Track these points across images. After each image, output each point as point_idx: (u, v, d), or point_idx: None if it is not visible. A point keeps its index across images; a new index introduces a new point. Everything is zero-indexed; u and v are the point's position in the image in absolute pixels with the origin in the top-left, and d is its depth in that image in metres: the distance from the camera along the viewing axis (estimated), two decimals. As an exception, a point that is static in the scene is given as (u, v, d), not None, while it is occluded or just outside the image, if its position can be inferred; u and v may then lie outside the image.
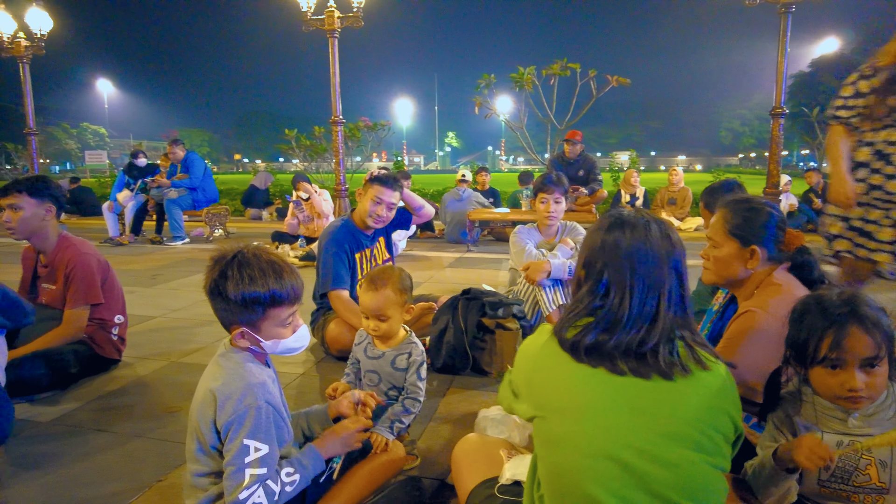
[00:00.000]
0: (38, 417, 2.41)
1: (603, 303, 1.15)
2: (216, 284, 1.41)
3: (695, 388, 1.09)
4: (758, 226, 1.80)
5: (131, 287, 4.68)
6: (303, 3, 7.34)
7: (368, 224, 3.10)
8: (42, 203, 2.71)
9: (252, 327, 1.45)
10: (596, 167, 7.24)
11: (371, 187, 3.07)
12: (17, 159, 19.53)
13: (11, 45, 9.33)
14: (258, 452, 1.36)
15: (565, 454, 1.10)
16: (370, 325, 1.98)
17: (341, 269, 3.00)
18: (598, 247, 1.19)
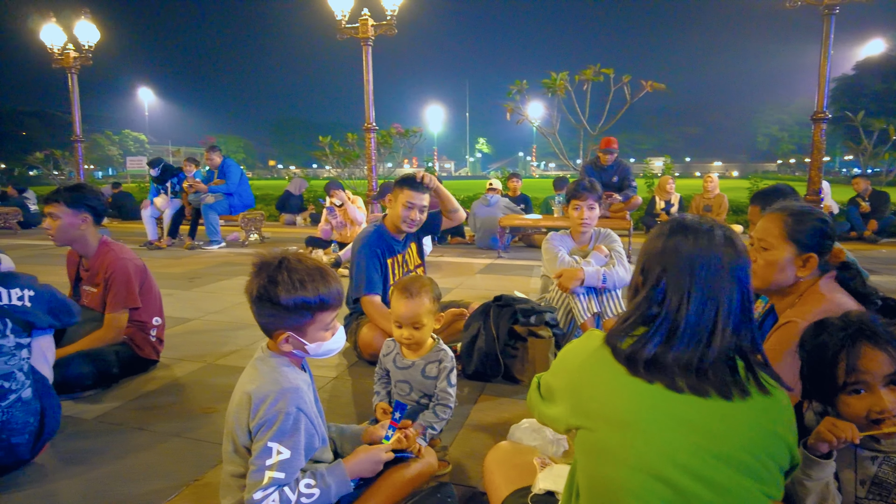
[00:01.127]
0: (81, 415, 2.49)
1: (660, 310, 1.11)
2: (265, 290, 1.42)
3: (753, 412, 1.05)
4: (818, 234, 1.76)
5: (169, 290, 4.81)
6: (337, 12, 7.45)
7: (402, 229, 3.11)
8: (78, 213, 2.80)
9: (298, 331, 1.47)
10: (630, 173, 7.15)
11: (401, 192, 3.07)
12: (64, 165, 20.25)
13: (61, 57, 9.72)
14: (280, 456, 1.37)
15: (611, 467, 1.07)
16: (404, 334, 1.99)
17: (374, 275, 3.02)
18: (657, 251, 1.15)
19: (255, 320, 1.50)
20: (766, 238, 1.80)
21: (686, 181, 31.16)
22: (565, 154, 10.95)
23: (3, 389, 1.90)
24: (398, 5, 7.39)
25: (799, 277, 1.77)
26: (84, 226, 2.83)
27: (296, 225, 11.11)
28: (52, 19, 9.63)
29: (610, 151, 6.92)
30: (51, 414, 2.06)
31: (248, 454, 1.45)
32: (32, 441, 1.99)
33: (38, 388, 2.03)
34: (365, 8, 7.44)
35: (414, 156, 21.91)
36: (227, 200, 7.97)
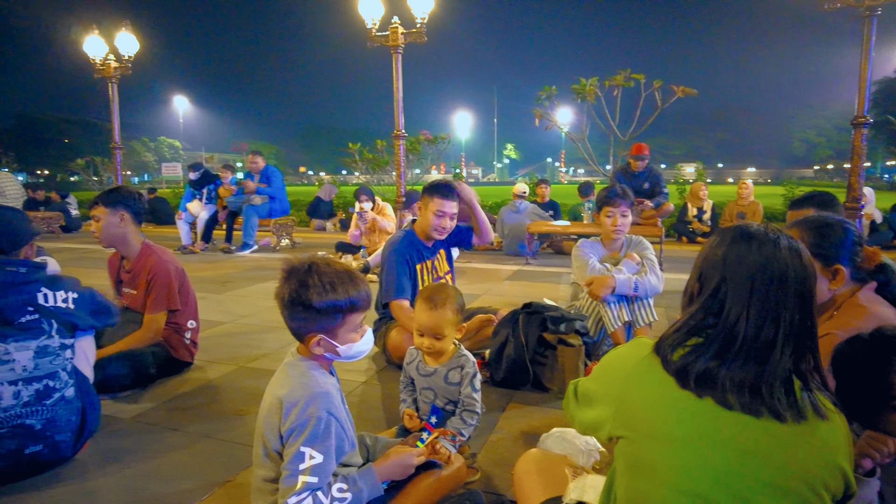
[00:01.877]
0: (119, 414, 2.56)
1: (716, 321, 1.07)
2: (297, 294, 1.44)
3: (810, 438, 0.99)
4: (836, 243, 1.69)
5: (202, 293, 4.91)
6: (368, 20, 7.53)
7: (434, 237, 3.13)
8: (116, 211, 2.90)
9: (330, 334, 1.49)
10: (662, 179, 7.04)
11: (431, 200, 3.07)
12: (103, 171, 20.90)
13: (103, 67, 10.04)
14: (312, 460, 1.39)
15: (653, 484, 1.03)
16: (424, 342, 2.00)
17: (404, 280, 3.04)
18: (718, 259, 1.11)
19: (285, 324, 1.52)
20: None
21: (718, 187, 30.53)
22: (595, 160, 10.86)
23: (48, 388, 1.97)
24: (428, 13, 7.43)
25: (833, 291, 1.71)
26: (123, 224, 2.93)
27: (326, 230, 11.24)
28: (95, 31, 9.95)
29: (641, 157, 6.84)
30: (91, 412, 2.12)
31: (279, 458, 1.46)
32: (74, 438, 2.05)
33: (79, 387, 2.10)
34: (395, 16, 7.50)
35: (442, 162, 21.97)
36: (268, 204, 8.13)
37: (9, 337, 1.90)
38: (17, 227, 2.16)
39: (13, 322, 1.92)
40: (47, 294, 2.03)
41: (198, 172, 8.55)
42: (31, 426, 1.93)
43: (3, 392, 1.88)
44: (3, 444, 1.88)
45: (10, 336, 1.90)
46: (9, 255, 2.09)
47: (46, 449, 1.97)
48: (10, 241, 2.11)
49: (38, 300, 1.99)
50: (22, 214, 2.28)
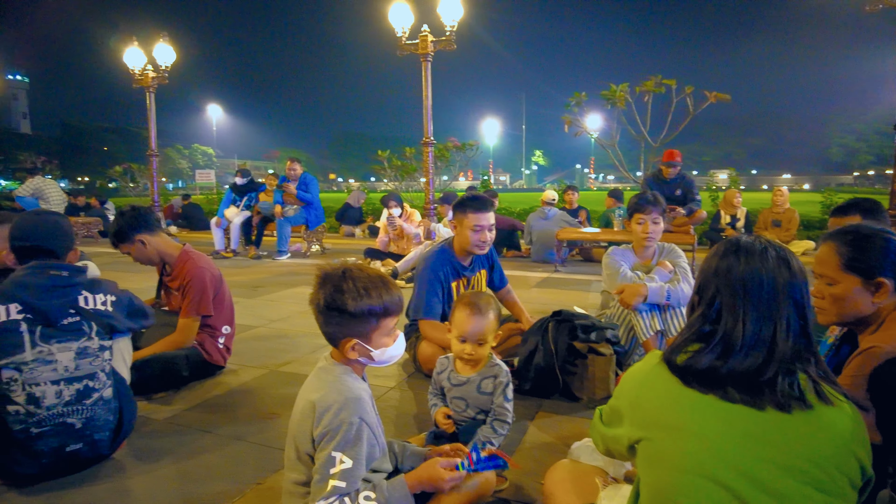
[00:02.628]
0: (153, 415, 2.62)
1: (714, 328, 1.14)
2: (332, 299, 1.46)
3: (817, 424, 1.04)
4: (878, 254, 1.60)
5: (235, 298, 4.94)
6: (398, 29, 7.61)
7: (475, 252, 3.06)
8: (132, 242, 2.96)
9: (364, 338, 1.51)
10: (694, 186, 6.93)
11: (466, 217, 3.00)
12: (140, 178, 21.51)
13: (141, 77, 10.36)
14: (342, 465, 1.39)
15: (668, 472, 1.08)
16: (466, 349, 1.99)
17: (433, 300, 3.00)
18: (711, 272, 1.19)
19: (317, 330, 1.54)
20: (826, 272, 1.67)
21: (752, 194, 29.85)
22: (625, 166, 10.74)
23: (87, 388, 2.02)
24: (457, 20, 7.48)
25: (877, 304, 1.63)
26: (147, 246, 2.98)
27: (354, 236, 11.34)
28: (135, 43, 10.28)
29: (673, 164, 6.74)
30: (128, 413, 2.17)
31: (310, 462, 1.48)
32: (112, 438, 2.10)
33: (117, 388, 2.15)
34: (424, 24, 7.56)
35: (469, 169, 22.02)
36: (303, 213, 8.23)
37: (52, 338, 1.96)
38: (67, 231, 2.23)
39: (56, 324, 1.98)
40: (87, 297, 2.09)
41: (245, 179, 8.73)
42: (71, 425, 1.98)
43: (47, 391, 1.94)
44: (46, 442, 1.94)
45: (54, 337, 1.97)
46: (60, 258, 2.16)
47: (86, 447, 2.02)
48: (64, 246, 2.18)
49: (79, 303, 2.05)
50: (66, 219, 2.36)
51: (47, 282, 2.00)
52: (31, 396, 1.92)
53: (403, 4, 7.55)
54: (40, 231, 2.15)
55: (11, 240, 2.17)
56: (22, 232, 2.15)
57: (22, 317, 1.94)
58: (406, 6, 7.56)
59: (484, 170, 20.38)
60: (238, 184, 8.68)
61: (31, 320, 1.95)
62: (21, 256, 2.14)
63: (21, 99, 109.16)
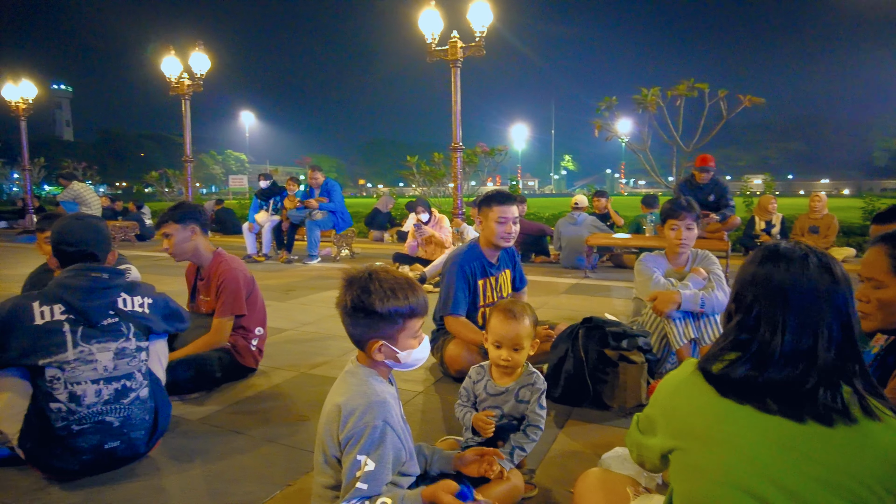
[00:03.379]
0: (187, 415, 2.67)
1: (751, 337, 1.10)
2: (359, 300, 1.48)
3: (862, 440, 1.00)
4: None
5: (267, 301, 5.03)
6: (428, 35, 7.66)
7: (501, 245, 3.09)
8: (186, 226, 3.03)
9: (390, 340, 1.52)
10: (728, 192, 6.79)
11: (490, 210, 3.05)
12: (175, 183, 22.06)
13: (177, 85, 10.63)
14: (366, 467, 1.40)
15: (702, 484, 1.06)
16: (502, 355, 1.98)
17: (460, 295, 3.03)
18: (748, 279, 1.15)
19: (346, 332, 1.55)
20: (874, 275, 1.61)
21: (788, 200, 29.11)
22: (657, 171, 10.58)
23: (125, 388, 2.08)
24: (486, 26, 7.49)
25: None
26: (194, 237, 3.06)
27: (383, 241, 11.42)
28: (172, 52, 10.57)
29: (706, 170, 6.62)
30: (163, 413, 2.22)
31: (338, 465, 1.49)
32: (148, 437, 2.15)
33: (153, 388, 2.20)
34: (454, 30, 7.59)
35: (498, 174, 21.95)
36: (331, 218, 8.35)
37: (92, 338, 2.02)
38: (105, 235, 2.30)
39: (96, 325, 2.04)
40: (126, 299, 2.15)
41: (267, 182, 8.90)
42: (110, 423, 2.04)
43: (87, 390, 2.00)
44: (86, 439, 2.00)
45: (94, 337, 2.03)
46: (100, 261, 2.23)
47: (123, 445, 2.07)
48: (104, 249, 2.25)
49: (118, 304, 2.11)
50: (104, 223, 2.43)
51: (89, 284, 2.06)
52: (72, 395, 1.98)
53: (433, 11, 7.60)
54: (79, 235, 2.22)
55: (53, 243, 2.25)
56: (62, 236, 2.23)
57: (65, 317, 2.00)
58: (436, 13, 7.61)
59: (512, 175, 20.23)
60: (261, 187, 8.86)
61: (73, 321, 2.01)
62: (62, 259, 2.22)
63: (65, 107, 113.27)
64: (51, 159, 20.49)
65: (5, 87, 13.60)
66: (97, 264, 2.20)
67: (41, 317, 1.98)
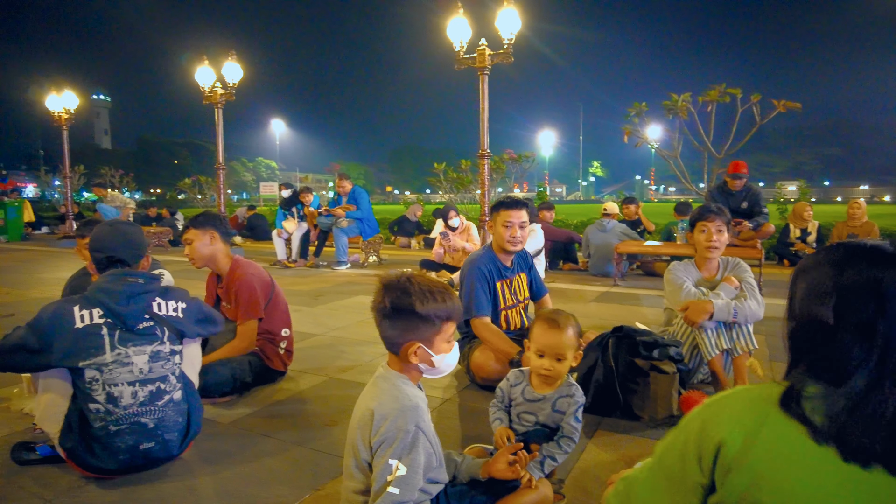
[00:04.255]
0: (218, 418, 2.72)
1: (840, 360, 0.89)
2: (400, 301, 1.49)
3: None
4: None
5: (297, 306, 5.13)
6: (456, 43, 7.68)
7: (508, 248, 3.14)
8: (206, 232, 3.10)
9: (427, 343, 1.53)
10: (761, 199, 6.64)
11: (497, 215, 3.15)
12: (207, 190, 22.55)
13: (210, 94, 10.88)
14: (398, 472, 1.40)
15: None
16: (545, 364, 1.97)
17: (482, 297, 3.06)
18: (824, 284, 0.94)
19: (376, 338, 1.56)
20: None
21: (825, 207, 28.35)
22: (688, 177, 10.40)
23: (159, 390, 2.13)
24: (515, 33, 7.48)
25: None
26: (213, 242, 3.12)
27: (410, 247, 11.47)
28: (205, 62, 10.82)
29: (739, 176, 6.49)
30: (195, 415, 2.27)
31: (368, 470, 1.49)
32: (181, 438, 2.20)
33: (186, 390, 2.25)
34: (482, 38, 7.60)
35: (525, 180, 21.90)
36: (357, 225, 8.45)
37: (129, 341, 2.08)
38: (138, 241, 2.36)
39: (133, 328, 2.10)
40: (160, 303, 2.20)
41: (289, 191, 9.08)
42: (145, 424, 2.09)
43: (124, 392, 2.06)
44: (123, 439, 2.06)
45: (130, 340, 2.09)
46: (132, 266, 2.29)
47: (157, 446, 2.12)
48: (133, 255, 2.31)
49: (153, 308, 2.17)
50: (139, 229, 2.50)
51: (125, 289, 2.12)
52: (109, 396, 2.04)
53: (461, 19, 7.63)
54: (106, 241, 2.28)
55: (90, 250, 2.33)
56: (92, 242, 2.30)
57: (103, 321, 2.07)
58: (464, 20, 7.64)
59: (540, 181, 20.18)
60: (284, 197, 9.03)
61: (110, 324, 2.07)
62: (98, 264, 2.29)
63: (103, 117, 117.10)
64: (90, 167, 21.14)
65: (49, 98, 14.11)
66: (130, 269, 2.26)
67: (81, 320, 2.05)
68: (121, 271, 2.20)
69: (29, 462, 2.21)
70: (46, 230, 16.35)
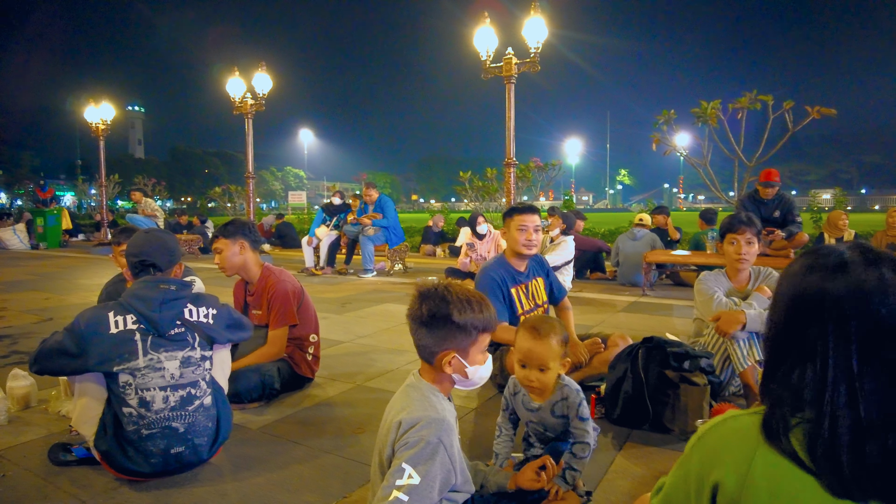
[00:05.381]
0: (247, 424, 2.75)
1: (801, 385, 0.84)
2: (438, 309, 1.48)
3: None
4: None
5: (324, 313, 5.18)
6: (482, 52, 7.71)
7: (522, 252, 3.14)
8: (235, 241, 3.15)
9: (462, 353, 1.52)
10: (794, 207, 6.49)
11: (511, 220, 3.15)
12: (237, 199, 22.99)
13: (240, 105, 11.11)
14: (410, 480, 1.37)
15: None
16: (529, 376, 1.93)
17: (497, 304, 3.04)
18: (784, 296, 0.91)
19: (403, 347, 1.57)
20: None
21: (862, 216, 27.56)
22: (718, 186, 10.23)
23: (190, 395, 2.17)
24: (541, 42, 7.48)
25: None
26: (243, 251, 3.17)
27: (435, 255, 11.50)
28: (236, 73, 11.07)
29: (771, 185, 6.36)
30: (225, 420, 2.30)
31: None
32: (210, 443, 2.23)
33: (215, 396, 2.29)
34: (509, 47, 7.62)
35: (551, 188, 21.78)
36: (384, 233, 8.53)
37: (161, 347, 2.13)
38: (172, 248, 2.42)
39: (165, 334, 2.14)
40: (192, 310, 2.25)
41: (341, 200, 9.34)
42: (175, 429, 2.13)
43: (156, 396, 2.10)
44: (155, 443, 2.10)
45: (162, 346, 2.13)
46: (164, 272, 2.35)
47: (188, 450, 2.16)
48: (166, 261, 2.36)
49: (184, 315, 2.21)
50: (174, 237, 2.56)
51: (159, 295, 2.17)
52: (142, 400, 2.09)
53: (488, 28, 7.66)
54: (146, 246, 2.34)
55: (126, 255, 2.39)
56: (132, 247, 2.36)
57: (136, 326, 2.12)
58: (490, 30, 7.66)
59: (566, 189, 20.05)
60: (335, 203, 9.17)
61: (143, 330, 2.12)
62: (133, 268, 2.35)
63: (137, 127, 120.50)
64: (124, 176, 21.78)
65: (88, 110, 14.58)
66: (163, 276, 2.32)
67: (115, 326, 2.10)
68: (154, 278, 2.25)
69: (66, 463, 2.27)
70: (83, 237, 16.87)
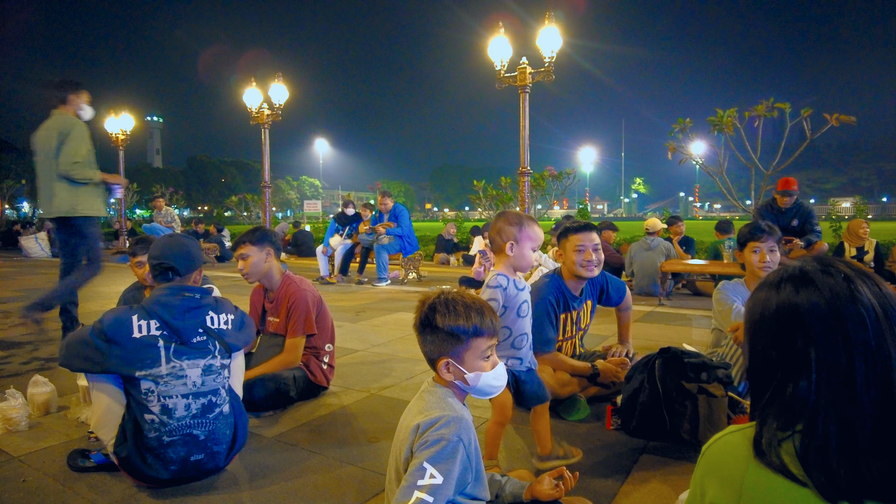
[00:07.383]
0: (262, 432, 2.76)
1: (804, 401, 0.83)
2: (426, 317, 1.54)
3: None
4: None
5: (338, 322, 5.19)
6: (497, 62, 7.74)
7: (582, 274, 2.97)
8: (263, 248, 3.18)
9: (456, 358, 1.53)
10: (813, 216, 6.41)
11: (567, 240, 3.00)
12: (253, 208, 23.23)
13: (257, 115, 11.24)
14: (433, 480, 1.36)
15: None
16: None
17: (549, 332, 2.95)
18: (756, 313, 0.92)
19: (417, 355, 1.59)
20: None
21: (883, 224, 27.09)
22: (734, 194, 10.13)
23: (211, 403, 2.19)
24: (556, 51, 7.49)
25: None
26: (269, 259, 3.21)
27: (449, 264, 11.51)
28: (253, 84, 11.21)
29: (789, 193, 6.29)
30: (241, 428, 2.32)
31: None
32: (227, 451, 2.25)
33: (233, 403, 2.31)
34: (523, 56, 7.64)
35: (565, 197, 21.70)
36: (398, 242, 8.58)
37: (183, 355, 2.15)
38: (193, 253, 2.45)
39: (188, 342, 2.17)
40: (213, 317, 2.27)
41: (352, 210, 9.42)
42: (196, 436, 2.15)
43: (178, 404, 2.12)
44: (175, 450, 2.12)
45: (185, 354, 2.16)
46: (182, 277, 2.37)
47: (206, 458, 2.18)
48: (186, 266, 2.39)
49: (206, 322, 2.24)
50: (196, 243, 2.58)
51: (182, 303, 2.20)
52: (164, 407, 2.11)
53: (502, 38, 7.69)
54: (168, 250, 2.37)
55: (148, 258, 2.43)
56: (154, 250, 2.39)
57: (160, 333, 2.14)
58: (505, 40, 7.69)
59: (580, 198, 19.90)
60: (349, 213, 9.24)
61: (167, 337, 2.15)
62: (153, 270, 2.38)
63: (155, 137, 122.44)
64: (142, 185, 22.12)
65: (108, 120, 14.84)
66: (182, 281, 2.34)
67: (139, 330, 2.12)
68: (178, 285, 2.28)
69: (85, 469, 2.30)
70: (102, 245, 17.11)
